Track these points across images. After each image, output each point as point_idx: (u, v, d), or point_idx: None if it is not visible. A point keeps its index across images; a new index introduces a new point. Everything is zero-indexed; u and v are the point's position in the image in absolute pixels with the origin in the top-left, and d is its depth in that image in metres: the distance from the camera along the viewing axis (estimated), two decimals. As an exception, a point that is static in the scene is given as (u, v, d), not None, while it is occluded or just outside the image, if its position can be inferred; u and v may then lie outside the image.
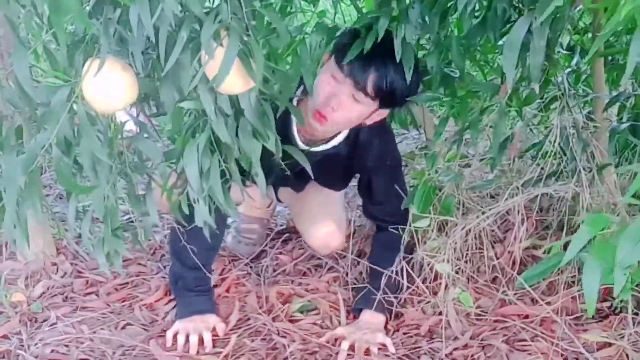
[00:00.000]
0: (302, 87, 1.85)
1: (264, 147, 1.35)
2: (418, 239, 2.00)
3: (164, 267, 2.28)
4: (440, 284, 1.95)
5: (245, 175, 1.43)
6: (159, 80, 1.21)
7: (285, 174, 1.67)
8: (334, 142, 1.95)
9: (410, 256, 2.01)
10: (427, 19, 1.79)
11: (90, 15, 1.09)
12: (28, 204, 1.17)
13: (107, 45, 1.11)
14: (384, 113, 1.89)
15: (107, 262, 1.38)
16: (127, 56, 1.16)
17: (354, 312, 2.00)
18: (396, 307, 1.96)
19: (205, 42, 1.09)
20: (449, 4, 1.74)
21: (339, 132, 1.93)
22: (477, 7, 1.68)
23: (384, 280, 1.94)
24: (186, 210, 1.40)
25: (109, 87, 1.17)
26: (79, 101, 1.15)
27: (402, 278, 1.96)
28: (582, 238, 1.31)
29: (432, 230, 1.98)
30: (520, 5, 1.65)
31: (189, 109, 1.24)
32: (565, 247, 1.93)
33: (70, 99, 1.14)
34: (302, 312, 2.03)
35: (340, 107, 1.77)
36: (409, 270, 1.97)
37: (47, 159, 1.29)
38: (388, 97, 1.77)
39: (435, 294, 1.96)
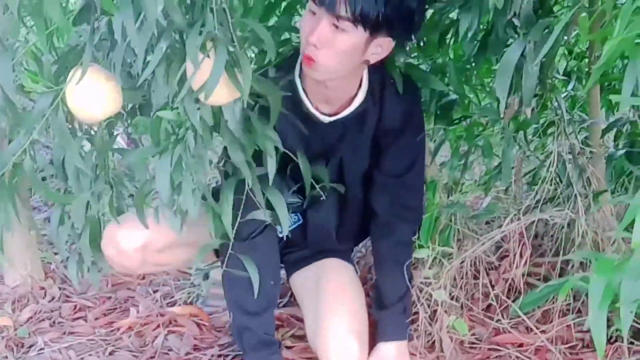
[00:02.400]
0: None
1: None
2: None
3: (153, 292, 2.24)
4: (435, 311, 1.91)
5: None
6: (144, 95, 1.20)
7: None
8: (356, 102, 1.71)
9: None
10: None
11: (75, 23, 1.08)
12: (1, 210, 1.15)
13: (90, 53, 1.09)
14: (387, 44, 1.59)
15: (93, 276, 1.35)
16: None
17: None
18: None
19: (191, 53, 1.07)
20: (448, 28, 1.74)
21: (357, 93, 1.71)
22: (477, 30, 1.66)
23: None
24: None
25: (90, 96, 1.15)
26: (59, 110, 1.14)
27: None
28: (598, 290, 1.20)
29: (428, 258, 1.94)
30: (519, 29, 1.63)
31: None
32: (559, 274, 1.95)
33: (52, 106, 1.12)
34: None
35: (323, 41, 1.52)
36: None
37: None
38: (369, 18, 1.49)
39: (431, 320, 1.92)
